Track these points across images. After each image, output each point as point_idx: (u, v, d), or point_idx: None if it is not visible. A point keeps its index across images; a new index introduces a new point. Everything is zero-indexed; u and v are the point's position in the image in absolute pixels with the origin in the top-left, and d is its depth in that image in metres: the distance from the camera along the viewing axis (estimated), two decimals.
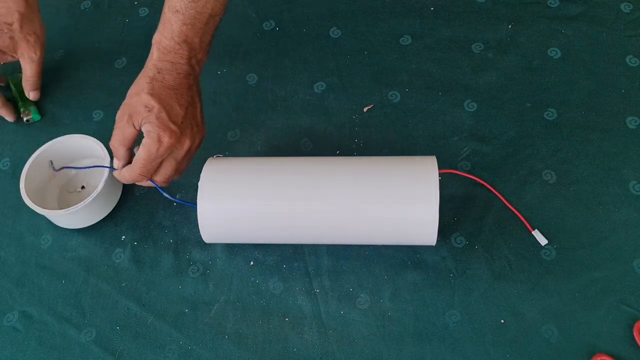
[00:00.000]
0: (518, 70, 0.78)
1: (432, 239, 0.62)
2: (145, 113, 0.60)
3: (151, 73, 0.62)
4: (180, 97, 0.62)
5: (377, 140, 0.75)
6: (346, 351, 0.63)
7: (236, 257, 0.70)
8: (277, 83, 0.82)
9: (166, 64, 0.62)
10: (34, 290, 0.70)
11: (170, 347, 0.65)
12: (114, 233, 0.73)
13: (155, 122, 0.60)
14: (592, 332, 0.61)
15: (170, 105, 0.61)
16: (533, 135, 0.73)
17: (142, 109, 0.60)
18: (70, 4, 0.94)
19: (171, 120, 0.61)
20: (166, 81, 0.61)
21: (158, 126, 0.60)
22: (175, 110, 0.61)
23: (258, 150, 0.77)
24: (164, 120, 0.60)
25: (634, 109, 0.74)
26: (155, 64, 0.62)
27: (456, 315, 0.64)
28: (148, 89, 0.61)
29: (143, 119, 0.61)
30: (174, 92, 0.62)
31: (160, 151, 0.61)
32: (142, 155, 0.61)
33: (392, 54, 0.82)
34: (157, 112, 0.60)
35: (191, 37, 0.62)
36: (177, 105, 0.61)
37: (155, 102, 0.60)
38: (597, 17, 0.81)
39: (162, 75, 0.62)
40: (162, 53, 0.62)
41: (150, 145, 0.61)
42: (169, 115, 0.61)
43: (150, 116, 0.60)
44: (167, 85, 0.61)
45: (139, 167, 0.62)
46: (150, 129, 0.60)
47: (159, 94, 0.61)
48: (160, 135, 0.60)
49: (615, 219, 0.67)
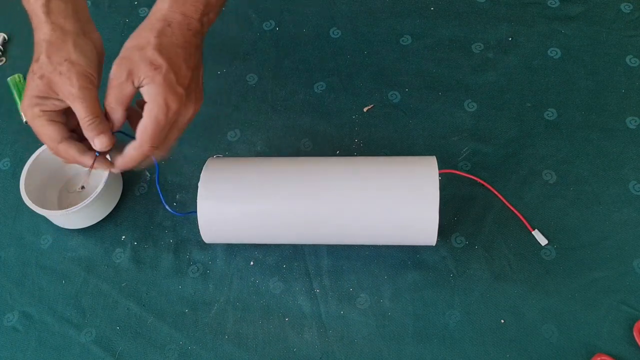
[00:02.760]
0: (518, 70, 0.78)
1: (432, 239, 0.62)
2: (151, 72, 0.53)
3: (159, 26, 0.54)
4: (189, 58, 0.55)
5: (377, 140, 0.75)
6: (346, 351, 0.63)
7: (236, 257, 0.70)
8: (277, 83, 0.82)
9: (178, 16, 0.55)
10: (34, 290, 0.70)
11: (170, 347, 0.65)
12: (114, 233, 0.73)
13: (162, 83, 0.53)
14: (592, 332, 0.61)
15: (179, 65, 0.54)
16: (533, 135, 0.73)
17: (147, 66, 0.53)
18: None
19: (179, 83, 0.53)
20: (175, 37, 0.54)
21: (165, 89, 0.53)
22: (183, 72, 0.54)
23: (258, 150, 0.77)
24: (172, 83, 0.53)
25: (634, 109, 0.74)
26: (165, 16, 0.54)
27: (456, 315, 0.64)
28: (155, 44, 0.53)
29: (146, 78, 0.53)
30: (183, 50, 0.54)
31: (169, 117, 0.54)
32: (150, 124, 0.53)
33: (392, 54, 0.82)
34: (165, 72, 0.53)
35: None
36: (184, 66, 0.54)
37: (163, 60, 0.53)
38: (597, 17, 0.81)
39: (172, 29, 0.54)
40: (177, 2, 0.55)
41: (158, 112, 0.53)
42: (177, 77, 0.53)
43: (156, 76, 0.53)
44: (176, 43, 0.54)
45: (150, 137, 0.54)
46: (155, 92, 0.53)
47: (168, 52, 0.53)
48: (167, 100, 0.53)
49: (615, 219, 0.67)
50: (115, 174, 0.74)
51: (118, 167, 0.58)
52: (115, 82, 0.54)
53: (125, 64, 0.53)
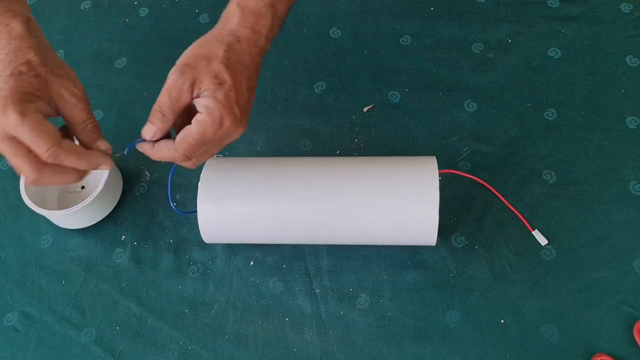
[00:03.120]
0: (518, 70, 0.78)
1: (432, 239, 0.62)
2: (214, 85, 0.51)
3: (229, 39, 0.53)
4: (250, 78, 0.54)
5: (377, 140, 0.75)
6: (346, 351, 0.63)
7: (236, 257, 0.70)
8: (277, 83, 0.82)
9: (247, 31, 0.54)
10: (34, 290, 0.70)
11: (170, 347, 0.65)
12: (114, 233, 0.73)
13: (222, 100, 0.51)
14: (592, 332, 0.61)
15: (241, 84, 0.53)
16: (533, 135, 0.73)
17: (211, 79, 0.51)
18: (70, 4, 0.93)
19: (237, 103, 0.52)
20: (243, 55, 0.53)
21: (224, 106, 0.51)
22: (242, 92, 0.53)
23: (258, 150, 0.77)
24: (231, 101, 0.52)
25: (634, 109, 0.73)
26: (236, 30, 0.53)
27: (456, 315, 0.64)
28: (223, 57, 0.52)
29: (207, 91, 0.51)
30: (247, 70, 0.53)
31: (217, 135, 0.52)
32: (195, 135, 0.52)
33: (392, 54, 0.82)
34: (227, 89, 0.51)
35: (279, 2, 0.55)
36: (245, 86, 0.53)
37: (228, 76, 0.51)
38: (597, 17, 0.81)
39: (241, 46, 0.53)
40: (246, 16, 0.53)
41: (209, 127, 0.51)
42: (237, 97, 0.52)
43: (218, 91, 0.51)
44: (242, 61, 0.53)
45: (187, 147, 0.53)
46: (213, 107, 0.51)
47: (234, 68, 0.52)
48: (223, 118, 0.51)
49: (615, 219, 0.67)
50: (115, 173, 0.74)
51: (145, 150, 0.55)
52: (174, 88, 0.52)
53: (190, 73, 0.52)
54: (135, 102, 0.82)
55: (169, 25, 0.89)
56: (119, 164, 0.76)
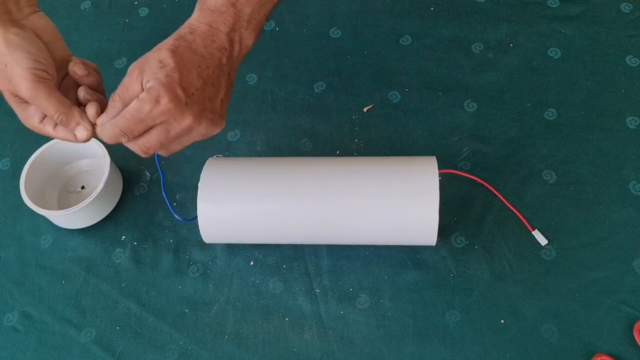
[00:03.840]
0: (518, 70, 0.78)
1: (432, 239, 0.62)
2: (156, 68, 0.51)
3: (182, 32, 0.53)
4: (204, 69, 0.53)
5: (377, 140, 0.75)
6: (346, 351, 0.63)
7: (236, 257, 0.70)
8: (277, 83, 0.82)
9: (203, 25, 0.53)
10: (34, 290, 0.70)
11: (170, 347, 0.65)
12: (114, 233, 0.73)
13: (162, 79, 0.50)
14: (592, 332, 0.61)
15: (188, 69, 0.52)
16: (533, 135, 0.73)
17: (156, 63, 0.51)
18: (70, 4, 0.94)
19: (181, 86, 0.51)
20: (195, 44, 0.53)
21: (163, 85, 0.50)
22: (190, 78, 0.52)
23: (258, 150, 0.77)
24: (172, 81, 0.51)
25: (634, 109, 0.73)
26: (190, 23, 0.54)
27: (456, 315, 0.64)
28: (171, 45, 0.52)
29: (152, 74, 0.51)
30: (199, 59, 0.52)
31: (153, 112, 0.51)
32: (131, 109, 0.51)
33: (392, 54, 0.82)
34: (169, 70, 0.51)
35: (242, 3, 0.54)
36: (196, 74, 0.52)
37: (172, 59, 0.51)
38: (597, 17, 0.81)
39: (194, 36, 0.53)
40: (204, 13, 0.54)
41: (145, 102, 0.51)
42: (181, 80, 0.51)
43: (159, 72, 0.51)
44: (194, 50, 0.52)
45: (122, 121, 0.52)
46: (152, 85, 0.51)
47: (181, 54, 0.52)
48: (160, 95, 0.50)
49: (615, 219, 0.67)
50: (115, 173, 0.74)
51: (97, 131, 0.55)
52: (126, 77, 0.53)
53: (140, 62, 0.52)
54: None
55: (169, 25, 0.88)
56: (119, 164, 0.76)
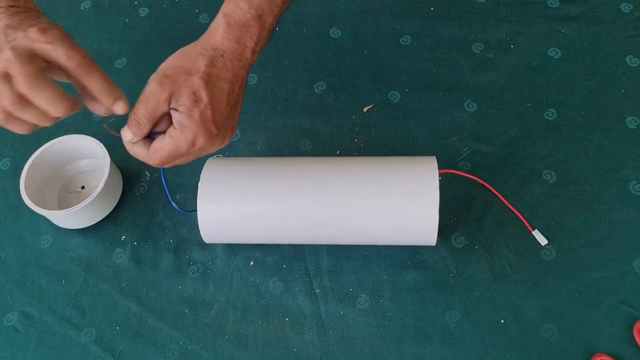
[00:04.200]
0: (518, 70, 0.78)
1: (432, 239, 0.62)
2: (190, 102, 0.51)
3: (212, 53, 0.52)
4: (231, 95, 0.53)
5: (377, 140, 0.75)
6: (346, 351, 0.63)
7: (236, 257, 0.70)
8: (277, 83, 0.82)
9: (232, 44, 0.53)
10: (34, 290, 0.70)
11: (170, 347, 0.65)
12: (114, 233, 0.73)
13: (197, 119, 0.51)
14: (592, 332, 0.61)
15: (219, 102, 0.52)
16: (533, 135, 0.73)
17: (189, 94, 0.51)
18: (70, 4, 0.94)
19: (214, 121, 0.52)
20: (226, 69, 0.53)
21: (198, 125, 0.51)
22: (220, 109, 0.53)
23: (258, 150, 0.77)
24: (207, 120, 0.52)
25: (634, 109, 0.73)
26: (220, 44, 0.53)
27: (456, 315, 0.64)
28: (204, 73, 0.52)
29: (183, 107, 0.51)
30: (228, 86, 0.53)
31: (189, 151, 0.53)
32: (168, 149, 0.52)
33: (392, 54, 0.82)
34: (203, 107, 0.51)
35: (267, 14, 0.54)
36: (224, 103, 0.53)
37: (206, 93, 0.51)
38: (597, 17, 0.81)
39: (224, 61, 0.53)
40: (232, 28, 0.53)
41: (181, 143, 0.52)
42: (214, 115, 0.52)
43: (194, 109, 0.51)
44: (224, 77, 0.53)
45: (159, 159, 0.53)
46: (187, 125, 0.51)
47: (214, 85, 0.52)
48: (196, 137, 0.52)
49: (615, 219, 0.67)
50: (115, 173, 0.74)
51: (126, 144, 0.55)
52: (151, 98, 0.52)
53: (168, 85, 0.51)
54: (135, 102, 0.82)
55: (169, 25, 0.89)
56: (119, 164, 0.76)
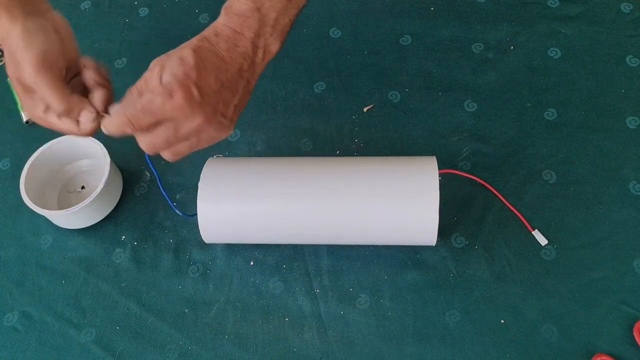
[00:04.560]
0: (518, 70, 0.78)
1: (432, 239, 0.62)
2: (176, 65, 0.50)
3: (207, 33, 0.53)
4: (224, 73, 0.52)
5: (377, 140, 0.75)
6: (346, 351, 0.63)
7: (236, 257, 0.70)
8: (277, 83, 0.82)
9: (228, 30, 0.53)
10: (34, 290, 0.70)
11: (170, 347, 0.65)
12: (114, 233, 0.73)
13: (180, 75, 0.50)
14: (592, 332, 0.61)
15: (207, 70, 0.51)
16: (533, 135, 0.73)
17: (176, 60, 0.50)
18: (70, 4, 0.94)
19: (196, 85, 0.50)
20: (218, 47, 0.52)
21: (179, 80, 0.50)
22: (207, 79, 0.51)
23: (258, 150, 0.77)
24: (188, 79, 0.50)
25: (634, 109, 0.73)
26: (216, 26, 0.53)
27: (456, 315, 0.64)
28: (194, 45, 0.51)
29: (171, 70, 0.50)
30: (219, 62, 0.52)
31: (164, 106, 0.50)
32: (143, 100, 0.50)
33: (392, 54, 0.82)
34: (187, 68, 0.50)
35: (267, 8, 0.53)
36: (214, 77, 0.51)
37: (192, 58, 0.50)
38: (597, 17, 0.81)
39: (218, 39, 0.52)
40: (229, 17, 0.53)
41: (157, 95, 0.50)
42: (198, 79, 0.50)
43: (178, 69, 0.50)
44: (216, 52, 0.52)
45: (131, 110, 0.51)
46: (168, 80, 0.50)
47: (203, 55, 0.51)
48: (174, 90, 0.49)
49: (615, 219, 0.67)
50: (115, 173, 0.74)
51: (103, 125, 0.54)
52: (147, 72, 0.51)
53: (161, 59, 0.51)
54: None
55: (169, 25, 0.89)
56: (119, 164, 0.76)
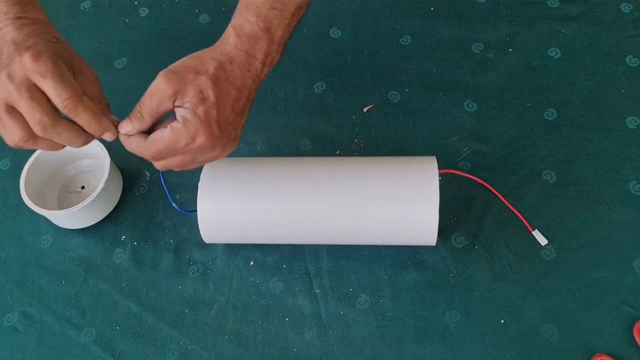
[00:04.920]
0: (518, 70, 0.78)
1: (432, 239, 0.62)
2: (196, 99, 0.51)
3: (222, 58, 0.53)
4: (238, 102, 0.54)
5: (377, 140, 0.75)
6: (346, 351, 0.63)
7: (236, 257, 0.70)
8: (277, 83, 0.82)
9: (241, 54, 0.54)
10: (34, 290, 0.70)
11: (170, 347, 0.65)
12: (114, 233, 0.73)
13: (202, 115, 0.51)
14: (592, 332, 0.61)
15: (225, 105, 0.53)
16: (533, 135, 0.73)
17: (195, 92, 0.51)
18: (70, 4, 0.94)
19: (217, 123, 0.52)
20: (234, 77, 0.53)
21: (201, 122, 0.51)
22: (226, 113, 0.53)
23: (258, 150, 0.77)
24: (211, 119, 0.52)
25: (634, 109, 0.73)
26: (230, 51, 0.54)
27: (456, 315, 0.64)
28: (212, 74, 0.52)
29: (188, 103, 0.51)
30: (236, 92, 0.53)
31: (188, 147, 0.52)
32: (167, 141, 0.52)
33: (392, 54, 0.82)
34: (209, 105, 0.51)
35: (275, 26, 0.55)
36: (231, 108, 0.53)
37: (213, 94, 0.51)
38: (597, 17, 0.81)
39: (233, 67, 0.53)
40: (241, 39, 0.54)
41: (181, 137, 0.51)
42: (219, 116, 0.52)
43: (199, 106, 0.51)
44: (233, 83, 0.53)
45: (155, 151, 0.53)
46: (190, 120, 0.51)
47: (221, 88, 0.52)
48: (197, 133, 0.51)
49: (615, 219, 0.67)
50: (115, 173, 0.74)
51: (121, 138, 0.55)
52: (157, 93, 0.52)
53: (175, 81, 0.51)
54: (135, 102, 0.81)
55: (169, 25, 0.89)
56: (119, 164, 0.76)
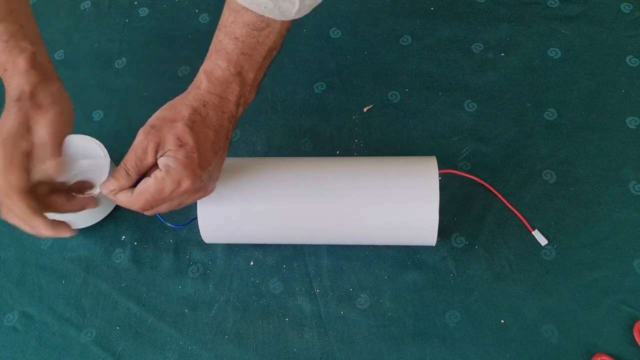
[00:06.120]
0: (518, 70, 0.78)
1: (432, 239, 0.62)
2: (175, 147, 0.52)
3: (195, 104, 0.54)
4: (217, 143, 0.55)
5: (377, 140, 0.75)
6: (346, 351, 0.63)
7: (236, 257, 0.70)
8: (277, 83, 0.82)
9: (214, 97, 0.55)
10: (34, 290, 0.70)
11: (170, 347, 0.65)
12: (114, 233, 0.73)
13: (183, 161, 0.52)
14: (592, 332, 0.61)
15: (205, 147, 0.54)
16: (533, 135, 0.73)
17: (174, 139, 0.52)
18: (70, 4, 0.93)
19: (200, 165, 0.53)
20: (209, 119, 0.54)
21: (184, 167, 0.52)
22: (207, 156, 0.54)
23: (258, 150, 0.77)
24: (193, 162, 0.53)
25: (634, 109, 0.74)
26: (203, 95, 0.54)
27: (456, 315, 0.64)
28: (188, 119, 0.53)
29: (169, 151, 0.52)
30: (213, 134, 0.54)
31: (174, 194, 0.53)
32: (152, 191, 0.53)
33: (392, 54, 0.82)
34: (189, 150, 0.52)
35: (246, 70, 0.55)
36: (210, 150, 0.54)
37: (191, 138, 0.52)
38: (597, 17, 0.81)
39: (207, 110, 0.54)
40: (213, 84, 0.55)
41: (166, 185, 0.53)
42: (200, 159, 0.53)
43: (179, 152, 0.52)
44: (209, 125, 0.54)
45: (144, 202, 0.54)
46: (174, 167, 0.52)
47: (198, 131, 0.53)
48: (181, 179, 0.52)
49: (615, 219, 0.67)
50: None
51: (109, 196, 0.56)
52: (139, 148, 0.53)
53: (154, 135, 0.53)
54: (135, 102, 0.82)
55: (169, 25, 0.89)
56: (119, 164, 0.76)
